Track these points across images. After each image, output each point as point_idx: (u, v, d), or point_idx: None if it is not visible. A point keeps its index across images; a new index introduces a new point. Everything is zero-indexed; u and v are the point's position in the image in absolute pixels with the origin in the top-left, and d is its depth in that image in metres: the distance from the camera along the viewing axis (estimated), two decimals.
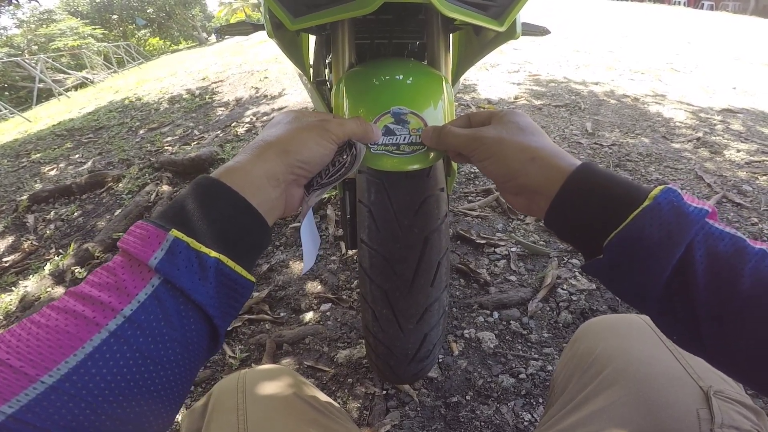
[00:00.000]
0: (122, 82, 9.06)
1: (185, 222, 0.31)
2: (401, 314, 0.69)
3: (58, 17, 21.68)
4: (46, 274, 1.82)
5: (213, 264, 0.31)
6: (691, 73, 4.02)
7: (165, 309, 0.29)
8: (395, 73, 0.69)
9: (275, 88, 4.38)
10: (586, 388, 0.53)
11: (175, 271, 0.29)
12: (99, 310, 0.27)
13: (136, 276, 0.29)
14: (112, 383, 0.26)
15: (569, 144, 2.36)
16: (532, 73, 3.95)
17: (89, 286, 0.28)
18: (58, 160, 3.51)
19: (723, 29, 8.11)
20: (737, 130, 2.53)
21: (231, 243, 0.33)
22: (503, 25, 0.70)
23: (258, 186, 0.37)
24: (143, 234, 0.30)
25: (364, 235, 0.66)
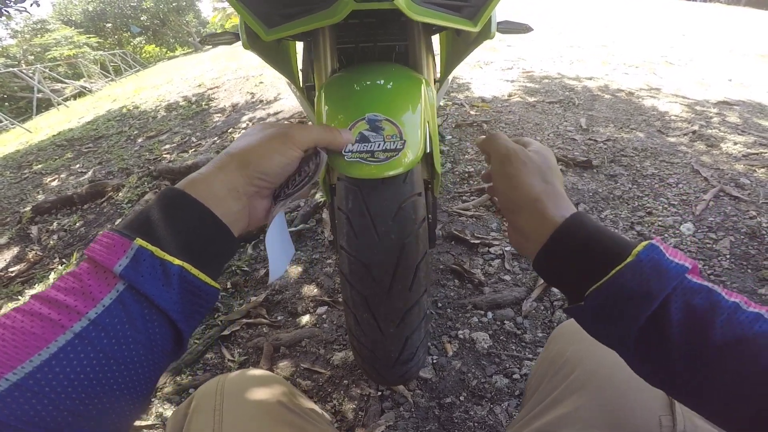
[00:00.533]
0: (120, 91, 9.10)
1: (150, 231, 0.33)
2: (381, 318, 0.69)
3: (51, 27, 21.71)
4: (50, 283, 1.84)
5: (177, 271, 0.32)
6: (686, 65, 4.01)
7: (129, 313, 0.30)
8: (375, 78, 0.70)
9: (271, 93, 4.39)
10: (555, 391, 0.54)
11: (139, 277, 0.31)
12: (64, 313, 0.28)
13: (101, 282, 0.30)
14: (76, 381, 0.27)
15: (563, 141, 2.36)
16: (525, 69, 3.94)
17: (55, 290, 0.30)
18: (59, 170, 3.54)
19: (717, 21, 8.06)
20: (734, 122, 2.51)
21: (195, 252, 0.34)
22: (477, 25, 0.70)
23: (220, 197, 0.38)
24: (109, 243, 0.31)
25: (343, 242, 0.67)
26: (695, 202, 1.72)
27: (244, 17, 0.64)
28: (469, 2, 0.70)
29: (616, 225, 1.64)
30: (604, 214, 1.71)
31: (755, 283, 1.32)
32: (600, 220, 1.68)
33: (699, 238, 1.53)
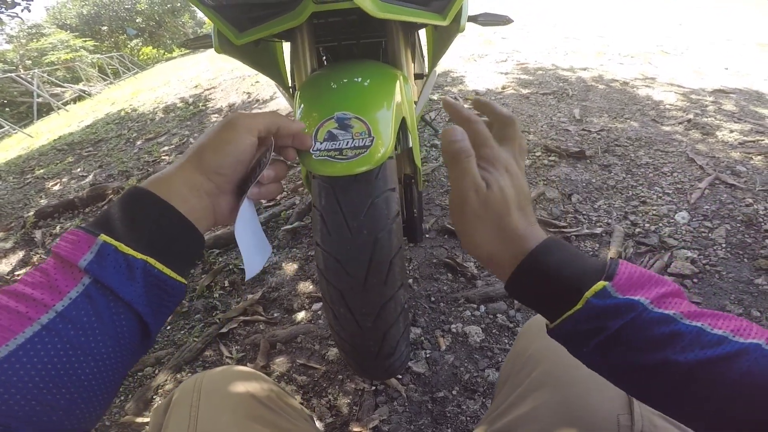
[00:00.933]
0: (118, 94, 9.12)
1: (115, 228, 0.34)
2: (358, 313, 0.70)
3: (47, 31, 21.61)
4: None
5: (140, 265, 0.33)
6: (681, 55, 3.98)
7: (95, 306, 0.31)
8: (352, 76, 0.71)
9: (267, 93, 4.40)
10: (517, 389, 0.54)
11: (103, 271, 0.32)
12: (32, 306, 0.29)
13: (67, 276, 0.31)
14: (43, 371, 0.28)
15: (557, 132, 2.36)
16: (520, 61, 3.93)
17: (23, 285, 0.31)
18: (60, 174, 3.57)
19: (715, 9, 7.99)
20: (730, 110, 2.50)
21: (159, 247, 0.35)
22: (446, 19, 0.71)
23: (182, 195, 0.39)
24: (74, 239, 0.33)
25: (317, 238, 0.68)
26: (690, 191, 1.72)
27: (215, 22, 0.65)
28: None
29: (609, 215, 1.64)
30: (597, 204, 1.71)
31: (751, 272, 1.32)
32: (593, 211, 1.68)
33: (694, 227, 1.53)
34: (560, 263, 0.35)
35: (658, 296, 0.32)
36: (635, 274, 0.34)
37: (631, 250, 1.46)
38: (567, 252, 0.36)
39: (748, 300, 1.24)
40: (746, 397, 0.27)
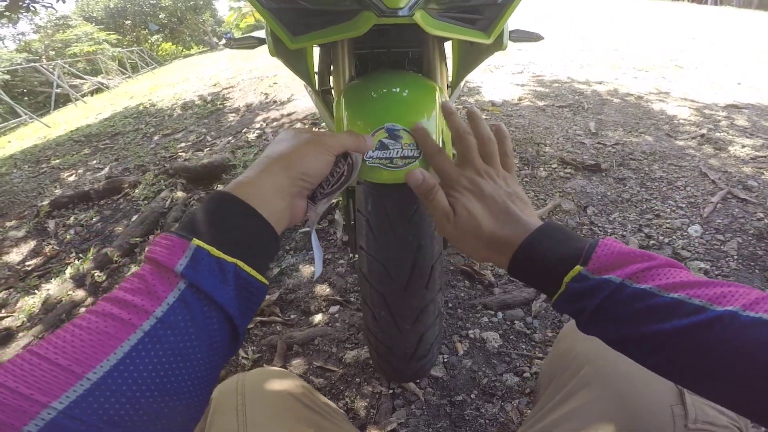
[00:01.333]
0: (137, 88, 9.22)
1: (205, 232, 0.35)
2: (398, 315, 0.73)
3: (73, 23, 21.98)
4: (67, 278, 1.89)
5: (232, 269, 0.34)
6: (695, 69, 3.99)
7: (191, 310, 0.32)
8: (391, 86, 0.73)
9: (284, 94, 4.44)
10: (565, 386, 0.57)
11: (198, 275, 0.32)
12: (134, 313, 0.30)
13: (164, 281, 0.32)
14: (148, 379, 0.29)
15: (572, 144, 2.38)
16: (535, 73, 3.95)
17: (123, 291, 0.31)
18: (76, 165, 3.61)
19: (728, 24, 7.97)
20: (742, 125, 2.52)
21: (245, 250, 0.37)
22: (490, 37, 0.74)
23: (266, 198, 0.41)
24: (169, 244, 0.34)
25: (362, 243, 0.71)
26: (703, 205, 1.74)
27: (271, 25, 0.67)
28: (483, 15, 0.73)
29: (624, 228, 1.66)
30: (612, 217, 1.73)
31: (763, 283, 1.35)
32: (609, 223, 1.70)
33: (707, 240, 1.56)
34: (545, 253, 0.41)
35: (636, 272, 0.35)
36: (613, 254, 0.37)
37: None
38: (552, 239, 0.41)
39: None
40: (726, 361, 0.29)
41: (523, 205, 0.47)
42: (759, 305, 0.30)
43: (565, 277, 0.38)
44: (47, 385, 0.26)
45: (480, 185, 0.47)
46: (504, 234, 0.44)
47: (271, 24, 0.68)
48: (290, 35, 0.69)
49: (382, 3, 0.57)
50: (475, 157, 0.50)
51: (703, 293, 0.32)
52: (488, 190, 0.47)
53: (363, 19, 0.60)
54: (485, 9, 0.72)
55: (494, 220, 0.45)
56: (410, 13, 0.57)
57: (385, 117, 0.62)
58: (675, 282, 0.34)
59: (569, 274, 0.38)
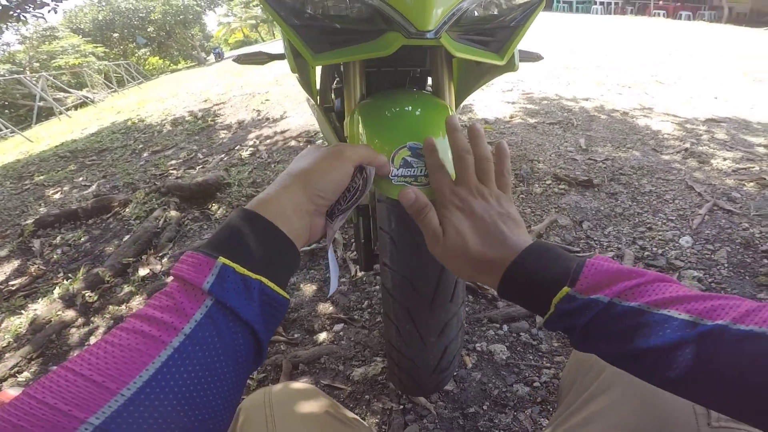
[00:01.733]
0: (123, 103, 9.12)
1: (230, 249, 0.36)
2: (423, 329, 0.74)
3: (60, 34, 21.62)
4: (55, 298, 1.85)
5: (257, 286, 0.35)
6: (674, 84, 4.16)
7: (218, 326, 0.33)
8: (404, 105, 0.75)
9: (277, 111, 4.45)
10: (587, 390, 0.58)
11: (225, 293, 0.33)
12: (163, 329, 0.31)
13: (191, 298, 0.33)
14: (179, 394, 0.29)
15: (565, 161, 2.44)
16: (525, 91, 4.05)
17: (151, 309, 0.32)
18: (62, 182, 3.53)
19: (701, 39, 8.37)
20: (722, 139, 2.63)
21: (269, 266, 0.38)
22: (504, 58, 0.76)
23: (287, 216, 0.42)
24: (195, 262, 0.34)
25: (386, 259, 0.72)
26: (691, 217, 1.81)
27: (294, 41, 0.67)
28: (495, 37, 0.76)
29: (619, 240, 1.71)
30: (607, 231, 1.78)
31: (753, 288, 1.41)
32: (604, 237, 1.74)
33: (698, 250, 1.62)
34: (533, 274, 0.41)
35: (625, 289, 0.36)
36: (601, 273, 0.37)
37: None
38: (541, 259, 0.41)
39: None
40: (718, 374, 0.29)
41: (514, 225, 0.47)
42: (749, 317, 0.30)
43: (554, 299, 0.38)
44: (84, 401, 0.26)
45: (471, 204, 0.48)
46: (491, 255, 0.44)
47: (293, 40, 0.69)
48: (312, 53, 0.69)
49: (411, 25, 0.59)
50: (470, 176, 0.50)
51: (693, 308, 0.32)
52: (478, 210, 0.47)
53: (390, 40, 0.62)
54: (498, 32, 0.75)
55: (482, 240, 0.45)
56: (437, 36, 0.59)
57: (405, 136, 0.63)
58: (665, 298, 0.34)
59: (557, 296, 0.38)
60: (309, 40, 0.69)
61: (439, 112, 0.74)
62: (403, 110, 0.74)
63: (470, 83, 1.23)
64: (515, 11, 0.74)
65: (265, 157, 3.13)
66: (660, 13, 17.28)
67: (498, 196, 0.49)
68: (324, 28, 0.68)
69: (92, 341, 1.60)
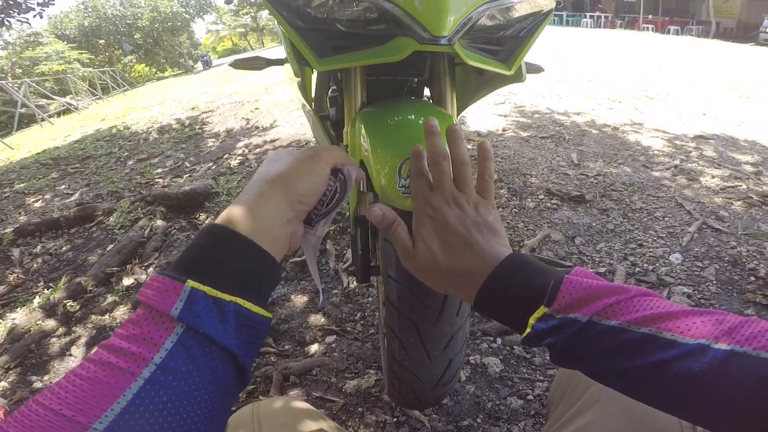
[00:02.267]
0: (108, 110, 9.01)
1: (200, 271, 0.33)
2: (429, 342, 0.72)
3: (44, 40, 21.41)
4: (35, 307, 1.80)
5: (232, 308, 0.33)
6: (664, 100, 4.25)
7: (192, 354, 0.31)
8: (408, 114, 0.74)
9: (266, 120, 4.43)
10: (576, 403, 0.57)
11: (197, 318, 0.31)
12: (131, 361, 0.29)
13: (159, 326, 0.31)
14: (156, 425, 0.28)
15: (557, 176, 2.46)
16: (517, 104, 4.09)
17: (119, 339, 0.30)
18: (43, 190, 3.45)
19: (689, 54, 8.63)
20: (710, 156, 2.68)
21: (245, 285, 0.35)
22: (512, 68, 0.76)
23: (265, 228, 0.38)
24: (161, 287, 0.32)
25: (391, 272, 0.70)
26: (681, 234, 1.83)
27: (299, 46, 0.65)
28: (503, 47, 0.75)
29: (611, 256, 1.71)
30: (599, 246, 1.78)
31: (741, 305, 1.44)
32: (596, 253, 1.75)
33: (687, 267, 1.64)
34: (509, 291, 0.39)
35: (605, 307, 0.35)
36: (579, 291, 0.36)
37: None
38: (519, 273, 0.39)
39: None
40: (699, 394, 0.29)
41: (491, 234, 0.43)
42: (731, 335, 0.30)
43: (530, 318, 0.36)
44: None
45: (444, 214, 0.44)
46: (464, 268, 0.41)
47: (298, 44, 0.67)
48: (316, 57, 0.67)
49: (425, 31, 0.57)
50: (445, 182, 0.47)
51: (674, 326, 0.32)
52: (452, 220, 0.44)
53: (401, 45, 0.60)
54: (506, 41, 0.75)
55: (453, 253, 0.43)
56: (451, 43, 0.58)
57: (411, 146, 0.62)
58: (646, 316, 0.33)
59: (534, 315, 0.36)
60: (314, 44, 0.67)
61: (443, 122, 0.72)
62: (407, 119, 0.72)
63: (468, 94, 1.23)
64: (524, 21, 0.74)
65: (255, 166, 3.10)
66: (649, 27, 17.79)
67: (476, 203, 0.46)
68: (329, 31, 0.66)
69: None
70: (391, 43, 0.62)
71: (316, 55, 0.68)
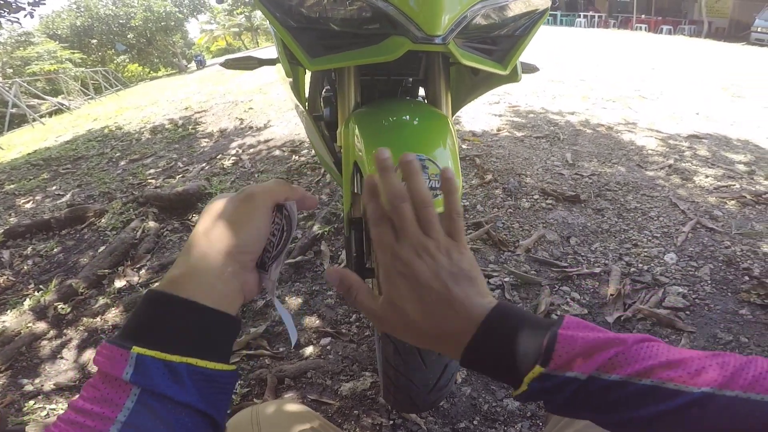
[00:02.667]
0: (101, 110, 8.93)
1: (145, 336, 0.33)
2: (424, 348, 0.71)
3: (36, 40, 21.26)
4: (26, 310, 1.78)
5: (183, 368, 0.32)
6: (657, 99, 4.27)
7: (154, 412, 0.31)
8: (402, 114, 0.73)
9: (260, 120, 4.40)
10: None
11: (150, 381, 0.31)
12: (98, 420, 0.29)
13: (116, 389, 0.31)
14: None
15: (552, 175, 2.46)
16: (511, 104, 4.10)
17: (83, 400, 0.31)
18: (34, 191, 3.40)
19: (682, 53, 8.69)
20: (704, 155, 2.70)
21: (197, 344, 0.34)
22: (507, 68, 0.75)
23: (209, 287, 0.37)
24: (109, 354, 0.32)
25: None
26: (676, 234, 1.84)
27: (290, 45, 0.64)
28: (498, 46, 0.74)
29: (606, 257, 1.71)
30: (594, 246, 1.78)
31: (736, 305, 1.44)
32: (591, 253, 1.75)
33: (682, 266, 1.64)
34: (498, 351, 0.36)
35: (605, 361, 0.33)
36: (576, 348, 0.34)
37: (628, 288, 1.54)
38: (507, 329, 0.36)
39: (736, 328, 1.35)
40: None
41: (469, 284, 0.39)
42: (734, 381, 0.30)
43: (526, 378, 0.34)
44: None
45: (415, 269, 0.39)
46: (446, 329, 0.38)
47: (289, 44, 0.65)
48: (308, 56, 0.66)
49: (420, 30, 0.56)
50: (409, 229, 0.41)
51: (677, 376, 0.31)
52: (424, 277, 0.39)
53: (395, 44, 0.59)
54: (501, 41, 0.74)
55: (430, 313, 0.38)
56: (446, 42, 0.57)
57: (405, 147, 0.61)
58: (647, 367, 0.32)
59: (529, 375, 0.34)
60: (306, 44, 0.66)
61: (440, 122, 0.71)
62: (401, 120, 0.71)
63: (464, 94, 1.22)
64: (519, 21, 0.73)
65: (248, 167, 3.07)
66: (642, 27, 17.91)
67: (447, 249, 0.41)
68: (322, 31, 0.65)
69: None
70: (385, 43, 0.61)
71: (309, 55, 0.66)
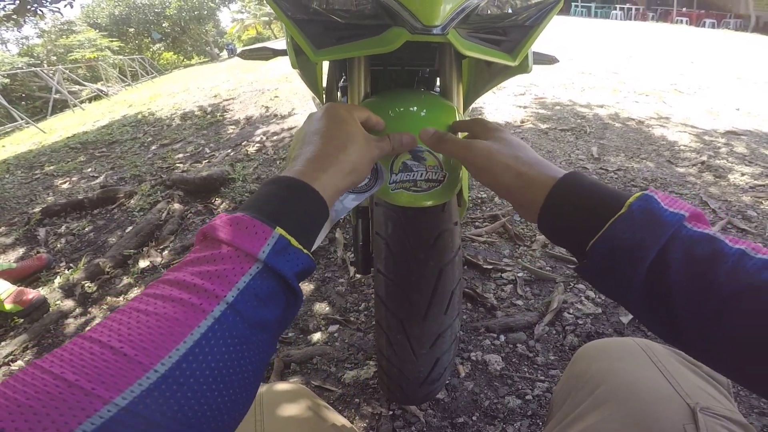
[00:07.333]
0: (136, 96, 9.23)
1: (282, 219, 0.34)
2: (415, 340, 0.71)
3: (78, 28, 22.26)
4: (56, 287, 1.85)
5: (305, 260, 0.34)
6: (694, 94, 4.06)
7: (260, 296, 0.30)
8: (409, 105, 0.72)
9: (285, 108, 4.46)
10: (579, 406, 0.56)
11: (279, 263, 0.31)
12: (204, 297, 0.28)
13: (237, 266, 0.30)
14: (216, 370, 0.26)
15: (575, 169, 2.37)
16: (537, 96, 3.99)
17: (190, 274, 0.29)
18: (71, 173, 3.57)
19: (725, 48, 8.20)
20: (741, 152, 2.54)
21: (311, 236, 0.37)
22: (516, 59, 0.73)
23: (332, 188, 0.40)
24: (251, 230, 0.32)
25: (380, 266, 0.69)
26: None
27: (295, 36, 0.64)
28: (508, 37, 0.72)
29: None
30: None
31: None
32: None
33: None
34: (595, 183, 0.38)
35: (694, 215, 0.32)
36: (667, 197, 0.34)
37: None
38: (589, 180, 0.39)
39: None
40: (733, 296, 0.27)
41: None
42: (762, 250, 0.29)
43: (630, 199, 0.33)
44: (111, 378, 0.23)
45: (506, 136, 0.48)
46: (535, 173, 0.42)
47: (294, 35, 0.66)
48: (313, 48, 0.67)
49: (417, 20, 0.55)
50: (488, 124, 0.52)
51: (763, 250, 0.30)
52: (515, 141, 0.47)
53: (394, 35, 0.59)
54: (511, 31, 0.71)
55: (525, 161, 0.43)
56: (444, 32, 0.56)
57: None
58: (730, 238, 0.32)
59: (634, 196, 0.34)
60: (311, 35, 0.66)
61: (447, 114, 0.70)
62: (407, 111, 0.71)
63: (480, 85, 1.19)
64: (530, 10, 0.70)
65: (271, 154, 3.13)
66: (683, 20, 17.04)
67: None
68: (327, 23, 0.65)
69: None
70: (385, 34, 0.61)
71: (313, 47, 0.67)
